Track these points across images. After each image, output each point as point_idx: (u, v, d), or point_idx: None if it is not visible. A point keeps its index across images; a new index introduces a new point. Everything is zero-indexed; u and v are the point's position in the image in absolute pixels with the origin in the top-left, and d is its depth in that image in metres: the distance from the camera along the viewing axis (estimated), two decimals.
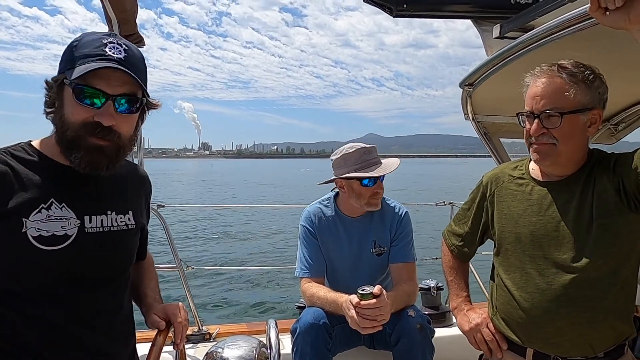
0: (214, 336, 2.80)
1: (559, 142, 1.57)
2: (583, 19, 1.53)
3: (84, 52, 1.24)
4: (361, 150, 2.33)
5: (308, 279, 2.33)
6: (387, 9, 2.23)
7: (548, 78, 1.57)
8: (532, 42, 1.78)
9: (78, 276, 1.30)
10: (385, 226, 2.41)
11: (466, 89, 2.45)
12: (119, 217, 1.42)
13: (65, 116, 1.25)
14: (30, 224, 1.21)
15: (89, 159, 1.26)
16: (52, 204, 1.26)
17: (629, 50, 1.83)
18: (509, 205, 1.76)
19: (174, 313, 1.50)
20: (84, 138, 1.25)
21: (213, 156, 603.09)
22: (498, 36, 2.01)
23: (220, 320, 7.21)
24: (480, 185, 1.92)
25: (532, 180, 1.74)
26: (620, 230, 1.55)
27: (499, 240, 1.78)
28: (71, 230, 1.28)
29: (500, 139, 2.82)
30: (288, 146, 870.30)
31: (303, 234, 2.42)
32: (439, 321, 2.89)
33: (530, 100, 1.61)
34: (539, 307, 1.61)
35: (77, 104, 1.23)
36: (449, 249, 2.04)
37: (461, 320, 1.90)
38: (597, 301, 1.56)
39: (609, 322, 1.58)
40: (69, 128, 1.25)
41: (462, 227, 1.99)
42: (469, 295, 1.97)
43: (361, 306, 1.93)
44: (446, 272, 2.05)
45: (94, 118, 1.24)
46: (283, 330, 2.36)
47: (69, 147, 1.26)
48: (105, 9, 2.03)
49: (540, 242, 1.64)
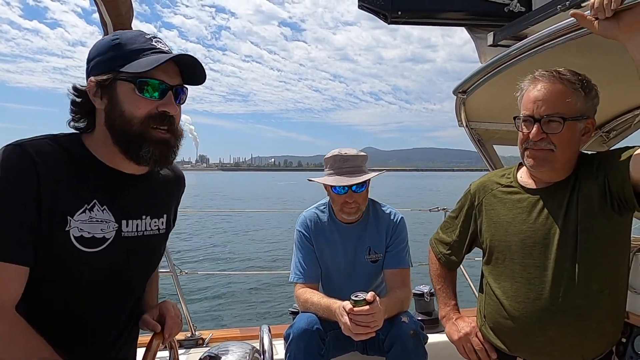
0: (207, 341, 2.80)
1: (557, 148, 1.55)
2: (575, 28, 1.55)
3: (133, 47, 1.25)
4: (337, 157, 2.32)
5: (302, 285, 2.33)
6: (381, 15, 2.24)
7: (549, 83, 1.56)
8: (525, 50, 1.80)
9: (109, 279, 1.31)
10: (380, 232, 2.41)
11: (460, 96, 2.46)
12: (153, 221, 1.42)
13: (126, 112, 1.24)
14: (74, 224, 1.21)
15: (159, 153, 1.28)
16: (94, 205, 1.26)
17: (620, 60, 1.86)
18: (498, 213, 1.75)
19: (167, 308, 1.50)
20: (150, 132, 1.26)
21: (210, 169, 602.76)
22: (491, 44, 2.03)
23: (214, 325, 7.19)
24: (467, 194, 1.91)
25: (520, 188, 1.73)
26: (604, 233, 1.55)
27: (489, 249, 1.77)
28: (109, 234, 1.28)
29: (494, 145, 2.84)
30: (285, 159, 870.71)
31: (298, 239, 2.41)
32: (433, 327, 2.89)
33: (529, 104, 1.58)
34: (530, 317, 1.60)
35: (140, 98, 1.24)
36: (436, 257, 2.03)
37: (450, 329, 1.89)
38: (588, 309, 1.55)
39: (599, 329, 1.57)
40: (134, 123, 1.24)
41: (450, 235, 1.98)
42: (457, 304, 1.97)
43: (354, 312, 1.93)
44: (434, 280, 2.03)
45: (157, 109, 1.26)
46: (276, 336, 2.35)
47: (137, 141, 1.25)
48: (101, 13, 2.03)
49: (531, 251, 1.63)
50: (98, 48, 1.28)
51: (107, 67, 1.25)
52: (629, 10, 1.28)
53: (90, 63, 1.28)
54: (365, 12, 2.25)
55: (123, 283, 1.36)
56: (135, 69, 1.22)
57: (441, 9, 2.29)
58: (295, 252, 2.42)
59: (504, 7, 2.20)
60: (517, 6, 2.20)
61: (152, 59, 1.23)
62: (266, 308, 8.39)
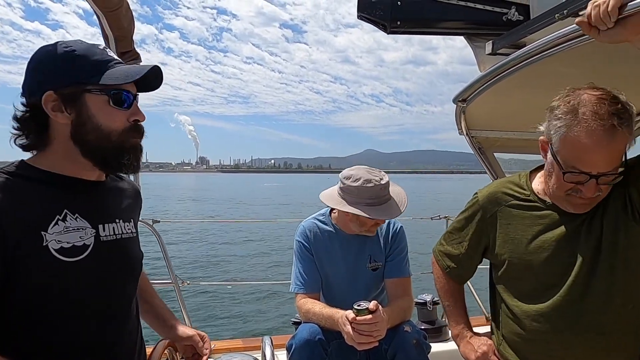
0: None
1: (603, 191, 1.48)
2: (575, 36, 1.55)
3: (95, 58, 1.25)
4: (377, 187, 2.21)
5: (303, 295, 2.32)
6: (381, 25, 2.26)
7: (608, 135, 1.37)
8: (524, 58, 1.81)
9: (98, 285, 1.30)
10: (380, 241, 2.40)
11: (460, 105, 2.47)
12: (125, 224, 1.43)
13: (103, 125, 1.25)
14: (50, 237, 1.19)
15: (136, 159, 1.32)
16: (66, 214, 1.24)
17: (620, 66, 1.87)
18: (516, 228, 1.65)
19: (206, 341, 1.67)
20: (127, 140, 1.29)
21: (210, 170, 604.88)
22: (490, 53, 2.04)
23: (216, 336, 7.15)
24: (475, 204, 1.79)
25: (540, 202, 1.63)
26: (626, 245, 1.50)
27: (506, 266, 1.67)
28: (89, 240, 1.27)
29: (495, 153, 2.85)
30: (285, 161, 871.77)
31: (298, 250, 2.41)
32: (435, 336, 2.87)
33: (585, 157, 1.41)
34: (553, 337, 1.54)
35: (115, 110, 1.26)
36: (443, 271, 1.92)
37: (465, 348, 1.81)
38: (612, 325, 1.50)
39: (622, 344, 1.53)
40: (113, 135, 1.26)
41: (458, 248, 1.86)
42: (469, 321, 1.88)
43: (357, 322, 1.92)
44: (442, 296, 1.95)
45: (129, 119, 1.29)
46: (279, 346, 2.34)
47: (118, 152, 1.28)
48: (102, 26, 2.05)
49: (554, 269, 1.56)
50: (49, 58, 1.25)
51: (70, 79, 1.23)
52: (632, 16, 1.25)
53: (40, 74, 1.25)
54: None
55: (111, 290, 1.34)
56: (114, 81, 1.23)
57: (440, 18, 2.30)
58: (295, 263, 2.41)
59: (503, 16, 2.22)
60: (515, 15, 2.21)
61: (125, 71, 1.25)
62: (268, 318, 8.36)
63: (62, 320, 1.24)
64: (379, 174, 2.27)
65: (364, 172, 2.25)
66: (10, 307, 1.18)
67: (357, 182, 2.21)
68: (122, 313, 1.39)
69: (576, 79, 1.63)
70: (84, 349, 1.27)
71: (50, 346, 1.22)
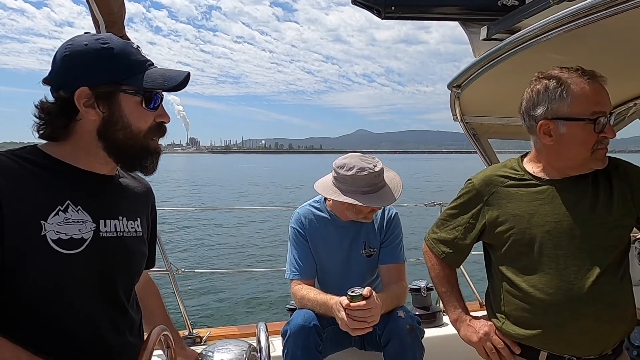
0: (204, 340, 2.79)
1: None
2: (569, 21, 1.54)
3: (132, 59, 1.28)
4: (372, 175, 2.22)
5: (298, 281, 2.33)
6: (375, 11, 2.23)
7: (598, 81, 1.59)
8: (518, 43, 1.79)
9: (93, 280, 1.29)
10: (374, 227, 2.42)
11: (454, 90, 2.46)
12: (129, 223, 1.41)
13: (133, 125, 1.28)
14: (49, 227, 1.18)
15: (156, 161, 1.36)
16: (68, 206, 1.23)
17: (614, 53, 1.86)
18: (516, 207, 1.70)
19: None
20: (150, 143, 1.32)
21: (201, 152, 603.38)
22: (485, 38, 2.03)
23: (211, 323, 7.18)
24: (471, 190, 1.82)
25: (536, 179, 1.71)
26: (625, 225, 1.63)
27: (510, 243, 1.70)
28: (87, 234, 1.26)
29: (489, 139, 2.85)
30: (276, 142, 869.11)
31: (293, 236, 2.41)
32: (429, 321, 2.90)
33: (598, 98, 1.58)
34: (563, 308, 1.58)
35: (145, 111, 1.30)
36: (438, 257, 1.93)
37: (466, 331, 1.83)
38: (616, 296, 1.58)
39: (623, 316, 1.61)
40: (140, 136, 1.30)
41: (452, 232, 1.88)
42: (465, 305, 1.91)
43: (351, 308, 1.93)
44: (436, 283, 1.97)
45: (155, 120, 1.33)
46: (274, 333, 2.35)
47: (143, 154, 1.32)
48: (93, 11, 2.01)
49: (558, 241, 1.61)
50: (86, 54, 1.24)
51: (106, 78, 1.25)
52: None
53: (76, 69, 1.24)
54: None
55: (108, 288, 1.33)
56: (152, 85, 1.26)
57: (435, 3, 2.28)
58: (290, 249, 2.41)
59: (498, 1, 2.20)
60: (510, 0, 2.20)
61: (162, 75, 1.28)
62: (263, 305, 8.40)
63: (56, 313, 1.23)
64: (373, 161, 2.26)
65: (357, 160, 2.24)
66: (6, 295, 1.17)
67: (351, 170, 2.21)
68: (118, 311, 1.37)
69: (570, 64, 1.63)
70: (79, 342, 1.26)
71: (44, 337, 1.21)
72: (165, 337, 1.47)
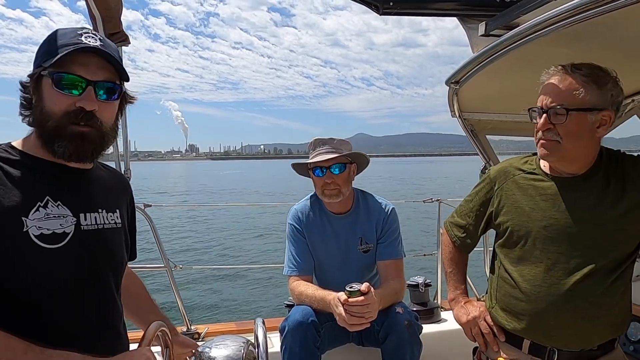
0: (202, 336, 2.79)
1: (563, 139, 1.60)
2: (567, 16, 1.54)
3: (59, 42, 1.23)
4: (317, 141, 2.39)
5: (296, 277, 2.33)
6: (373, 7, 2.23)
7: (560, 76, 1.61)
8: (517, 39, 1.79)
9: (78, 273, 1.29)
10: (371, 223, 2.42)
11: (452, 87, 2.46)
12: (109, 215, 1.41)
13: (45, 107, 1.24)
14: (30, 223, 1.19)
15: (74, 147, 1.26)
16: (48, 201, 1.24)
17: (612, 49, 1.86)
18: (520, 198, 1.76)
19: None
20: (66, 126, 1.24)
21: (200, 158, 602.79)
22: (483, 34, 2.02)
23: (209, 319, 7.19)
24: (487, 178, 1.92)
25: (544, 175, 1.75)
26: (630, 229, 1.62)
27: (508, 231, 1.78)
28: (69, 228, 1.26)
29: (487, 136, 2.85)
30: (275, 147, 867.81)
31: (290, 233, 2.42)
32: (427, 317, 2.90)
33: (541, 97, 1.64)
34: (545, 300, 1.64)
35: (57, 93, 1.23)
36: (452, 240, 2.04)
37: (458, 312, 1.93)
38: (603, 297, 1.60)
39: (609, 317, 1.62)
40: (50, 118, 1.23)
41: (465, 218, 1.99)
42: (466, 289, 2.01)
43: (349, 303, 1.94)
44: (445, 263, 2.06)
45: (75, 105, 1.23)
46: (272, 329, 2.35)
47: (52, 137, 1.25)
48: (89, 6, 2.00)
49: (553, 238, 1.66)
50: (40, 44, 1.28)
51: (36, 62, 1.26)
52: None
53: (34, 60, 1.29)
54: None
55: (93, 280, 1.33)
56: (49, 63, 1.21)
57: None
58: (288, 245, 2.42)
59: None
60: None
61: (65, 50, 1.22)
62: (262, 301, 8.40)
63: (41, 307, 1.23)
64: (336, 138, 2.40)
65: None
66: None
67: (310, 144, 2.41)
68: (103, 303, 1.37)
69: (569, 60, 1.63)
70: (64, 335, 1.26)
71: (30, 332, 1.20)
72: (162, 333, 1.47)
